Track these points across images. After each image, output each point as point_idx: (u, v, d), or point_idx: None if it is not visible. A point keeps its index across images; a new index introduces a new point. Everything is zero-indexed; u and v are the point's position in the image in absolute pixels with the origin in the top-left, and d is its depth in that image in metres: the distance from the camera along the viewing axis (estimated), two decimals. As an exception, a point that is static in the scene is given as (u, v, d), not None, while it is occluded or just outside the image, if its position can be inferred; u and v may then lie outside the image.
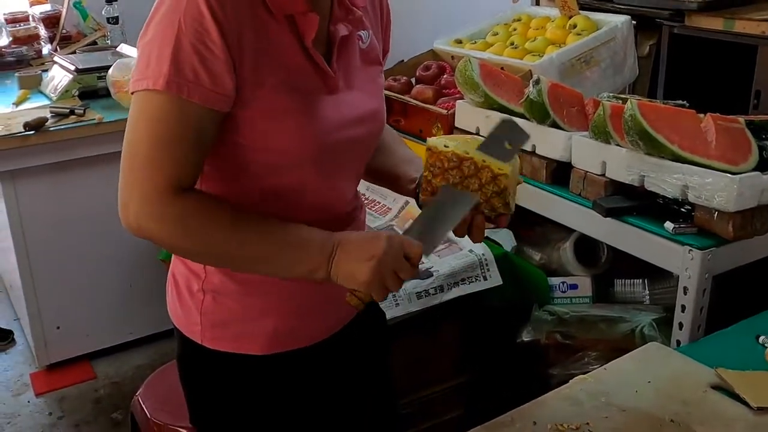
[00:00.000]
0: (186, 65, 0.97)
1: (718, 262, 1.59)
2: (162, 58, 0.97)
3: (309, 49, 1.07)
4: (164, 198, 0.99)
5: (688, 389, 1.16)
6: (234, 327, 1.16)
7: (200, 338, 1.17)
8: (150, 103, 0.99)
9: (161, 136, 0.99)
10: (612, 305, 1.89)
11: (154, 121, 0.99)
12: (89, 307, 2.82)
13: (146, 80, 0.98)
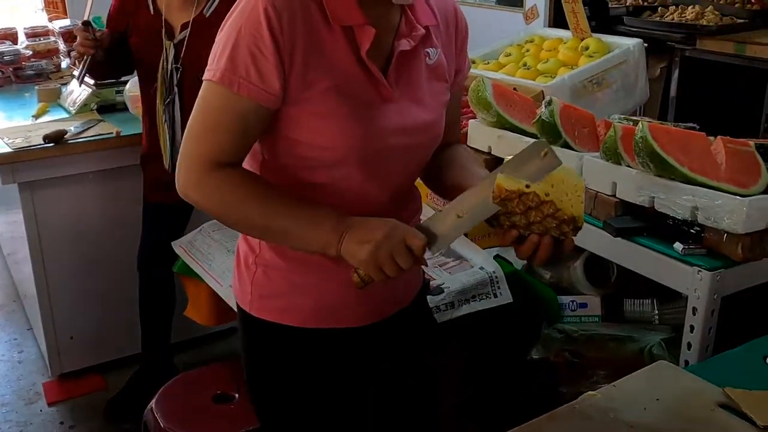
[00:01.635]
0: (240, 64, 1.12)
1: (727, 283, 1.60)
2: (223, 55, 1.13)
3: (364, 59, 1.17)
4: (204, 169, 1.15)
5: (696, 408, 1.17)
6: (279, 300, 1.28)
7: (249, 307, 1.31)
8: (208, 91, 1.16)
9: (210, 119, 1.15)
10: (621, 324, 1.90)
11: (208, 107, 1.16)
12: (103, 318, 2.84)
13: (210, 71, 1.15)
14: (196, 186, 1.17)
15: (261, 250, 1.28)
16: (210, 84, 1.15)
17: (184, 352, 2.91)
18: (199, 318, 2.33)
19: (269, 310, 1.29)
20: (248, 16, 1.12)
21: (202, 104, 1.17)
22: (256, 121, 1.15)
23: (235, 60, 1.12)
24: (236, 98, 1.13)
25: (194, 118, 1.17)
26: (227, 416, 1.85)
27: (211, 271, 2.12)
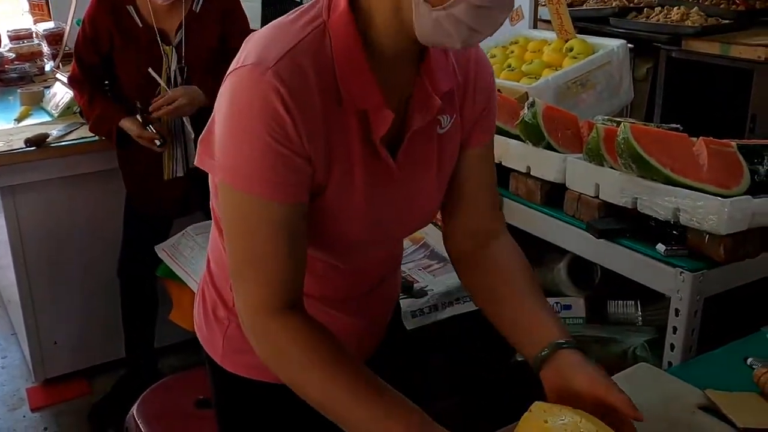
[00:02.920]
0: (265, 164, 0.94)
1: (710, 284, 1.60)
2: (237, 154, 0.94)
3: (376, 144, 1.02)
4: (263, 319, 0.99)
5: (677, 410, 1.17)
6: (253, 356, 1.10)
7: (220, 359, 1.22)
8: (243, 206, 0.97)
9: (253, 243, 0.97)
10: (605, 326, 1.89)
11: (241, 223, 0.97)
12: (87, 323, 2.83)
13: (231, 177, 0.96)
14: (258, 336, 1.00)
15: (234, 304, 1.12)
16: (242, 195, 0.95)
17: (169, 356, 2.90)
18: (184, 322, 2.31)
19: (243, 365, 1.20)
20: (259, 101, 0.93)
21: (239, 225, 0.97)
22: (299, 225, 0.98)
23: (264, 162, 0.93)
24: (279, 207, 0.95)
25: (236, 247, 0.98)
26: (210, 421, 1.82)
27: (195, 275, 2.10)
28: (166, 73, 2.39)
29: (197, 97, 2.39)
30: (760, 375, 1.20)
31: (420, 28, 0.95)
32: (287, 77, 0.93)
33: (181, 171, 2.48)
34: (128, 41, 2.38)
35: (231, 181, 0.96)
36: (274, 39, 0.98)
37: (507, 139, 2.03)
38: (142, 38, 2.38)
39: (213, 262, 1.23)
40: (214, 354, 1.23)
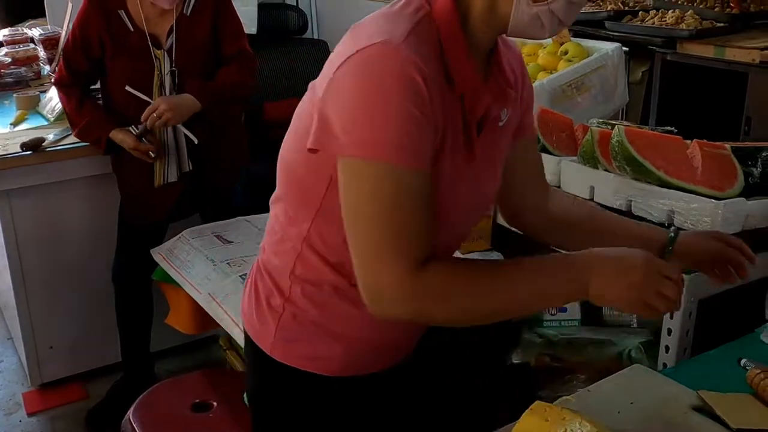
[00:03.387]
0: (411, 133, 0.97)
1: (704, 286, 1.60)
2: (387, 126, 0.97)
3: (471, 125, 1.09)
4: (418, 277, 1.00)
5: (670, 411, 1.17)
6: (306, 346, 1.20)
7: (270, 349, 1.22)
8: (383, 179, 0.98)
9: (398, 213, 0.99)
10: (600, 328, 1.90)
11: (385, 197, 0.99)
12: (83, 327, 2.82)
13: (367, 148, 0.98)
14: (415, 297, 1.01)
15: (291, 293, 1.19)
16: (383, 166, 0.97)
17: (166, 360, 2.90)
18: (180, 326, 2.31)
19: (294, 356, 1.22)
20: (400, 74, 0.96)
21: (375, 195, 0.98)
22: (430, 193, 1.02)
23: (404, 128, 0.96)
24: (417, 175, 0.99)
25: (372, 217, 0.99)
26: (206, 425, 1.83)
27: (190, 278, 2.10)
28: (158, 78, 2.38)
29: (184, 104, 2.37)
30: (753, 376, 1.21)
31: (516, 20, 1.06)
32: (416, 52, 0.99)
33: (173, 177, 2.47)
34: (120, 46, 2.37)
35: (371, 155, 0.97)
36: (390, 23, 1.03)
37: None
38: (133, 43, 2.37)
39: (272, 254, 1.23)
40: (264, 344, 1.23)
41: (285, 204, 1.19)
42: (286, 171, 1.17)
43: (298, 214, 1.15)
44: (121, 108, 2.44)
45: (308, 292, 1.18)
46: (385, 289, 1.01)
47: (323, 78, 1.05)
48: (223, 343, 2.47)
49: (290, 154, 1.14)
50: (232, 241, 2.25)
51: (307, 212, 1.13)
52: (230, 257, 2.14)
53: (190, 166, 2.47)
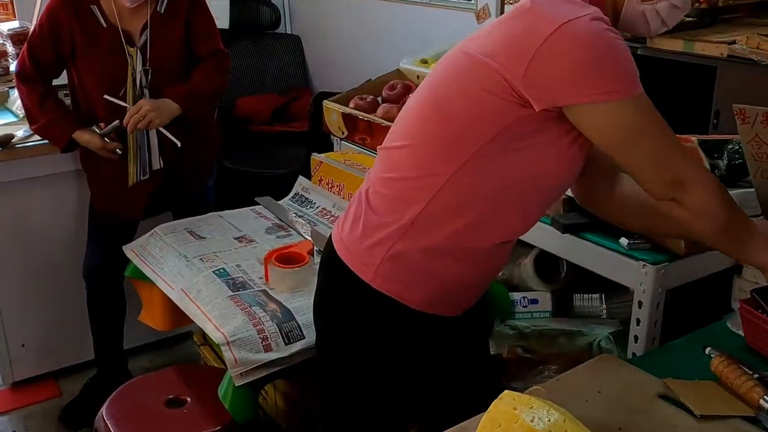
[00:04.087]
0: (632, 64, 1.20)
1: (671, 276, 1.63)
2: (620, 65, 1.18)
3: None
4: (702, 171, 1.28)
5: (637, 399, 1.19)
6: (404, 280, 1.34)
7: (371, 277, 1.35)
8: (639, 108, 1.20)
9: (668, 132, 1.24)
10: (571, 319, 1.92)
11: (659, 122, 1.23)
12: (54, 325, 2.80)
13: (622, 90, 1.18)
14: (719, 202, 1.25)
15: (407, 232, 1.31)
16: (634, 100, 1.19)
17: (140, 357, 2.89)
18: (154, 323, 2.30)
19: (391, 286, 1.34)
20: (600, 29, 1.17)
21: (654, 127, 1.22)
22: None
23: (629, 62, 1.19)
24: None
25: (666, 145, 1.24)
26: (180, 420, 1.83)
27: (163, 274, 2.10)
28: (131, 76, 2.36)
29: (167, 108, 2.36)
30: (717, 364, 1.23)
31: (627, 15, 1.32)
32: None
33: (145, 175, 2.45)
34: (91, 42, 2.34)
35: (625, 94, 1.18)
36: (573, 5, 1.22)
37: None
38: (105, 39, 2.34)
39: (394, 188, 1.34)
40: (365, 273, 1.35)
41: (422, 153, 1.30)
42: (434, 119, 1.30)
43: (441, 163, 1.27)
44: (91, 107, 2.41)
45: (424, 231, 1.30)
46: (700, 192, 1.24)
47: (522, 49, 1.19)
48: (197, 339, 2.47)
49: (450, 103, 1.28)
50: (204, 237, 2.24)
51: (453, 161, 1.26)
52: (203, 253, 2.14)
53: (161, 164, 2.45)
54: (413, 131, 1.33)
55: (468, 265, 1.35)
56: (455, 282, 1.37)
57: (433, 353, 1.48)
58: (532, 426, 0.98)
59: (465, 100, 1.25)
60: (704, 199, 1.24)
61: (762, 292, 1.35)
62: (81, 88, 2.41)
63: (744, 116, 1.61)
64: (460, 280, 1.37)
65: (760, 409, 1.14)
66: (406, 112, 1.39)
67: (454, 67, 1.30)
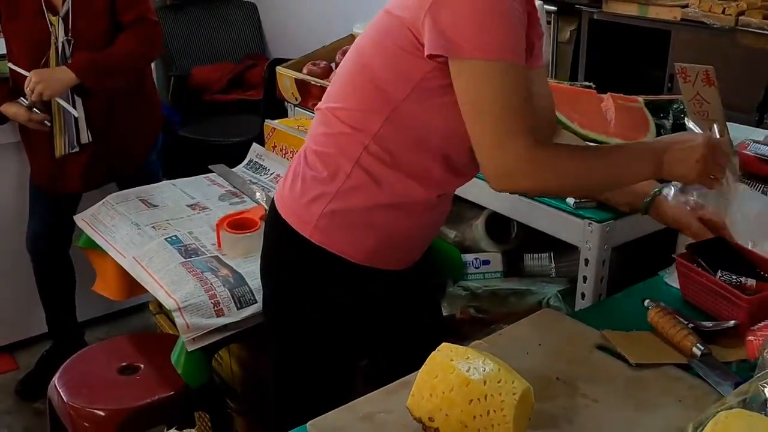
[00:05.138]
0: (518, 36, 1.18)
1: (616, 234, 1.66)
2: (500, 29, 1.16)
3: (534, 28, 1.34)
4: (534, 156, 1.18)
5: (575, 350, 1.22)
6: (342, 235, 1.36)
7: (309, 233, 1.36)
8: (501, 73, 1.16)
9: (517, 104, 1.18)
10: (521, 279, 1.95)
11: (506, 91, 1.17)
12: (9, 297, 2.77)
13: (485, 50, 1.15)
14: (537, 172, 1.20)
15: (343, 185, 1.33)
16: (500, 64, 1.16)
17: (97, 328, 2.87)
18: (108, 292, 2.28)
19: (332, 240, 1.36)
20: None
21: (500, 89, 1.17)
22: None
23: (514, 31, 1.17)
24: (522, 71, 1.18)
25: (502, 109, 1.18)
26: (133, 387, 1.82)
27: (115, 243, 2.07)
28: (54, 45, 2.31)
29: (57, 77, 2.29)
30: (653, 314, 1.26)
31: None
32: None
33: (73, 147, 2.40)
34: (15, 9, 2.30)
35: (490, 55, 1.15)
36: None
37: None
38: (28, 7, 2.29)
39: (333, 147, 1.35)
40: (303, 228, 1.37)
41: (351, 111, 1.32)
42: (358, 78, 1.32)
43: (368, 118, 1.29)
44: (18, 78, 2.38)
45: (358, 186, 1.32)
46: (515, 164, 1.19)
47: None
48: (153, 308, 2.46)
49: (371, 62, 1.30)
50: (157, 205, 2.22)
51: (379, 116, 1.28)
52: (155, 221, 2.12)
53: (90, 137, 2.40)
54: (344, 90, 1.35)
55: (406, 218, 1.37)
56: (394, 234, 1.38)
57: (382, 308, 1.50)
58: (468, 375, 1.00)
59: (383, 59, 1.28)
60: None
61: (698, 247, 1.38)
62: (10, 56, 2.37)
63: (685, 75, 1.64)
64: (400, 232, 1.39)
65: (693, 356, 1.18)
66: (338, 72, 1.42)
67: (376, 26, 1.32)
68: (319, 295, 1.42)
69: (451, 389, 1.00)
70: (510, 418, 0.97)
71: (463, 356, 1.04)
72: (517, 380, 1.01)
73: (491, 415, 0.98)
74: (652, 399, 1.11)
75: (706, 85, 1.61)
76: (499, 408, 0.98)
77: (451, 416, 1.00)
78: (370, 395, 1.14)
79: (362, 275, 1.39)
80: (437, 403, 1.01)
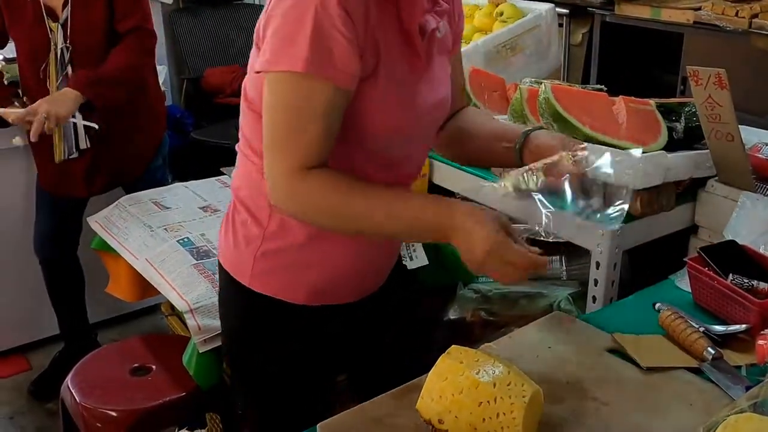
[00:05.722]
0: (322, 47, 1.04)
1: (627, 237, 1.66)
2: (297, 41, 1.04)
3: (412, 33, 1.14)
4: (297, 177, 1.09)
5: (586, 353, 1.22)
6: (282, 276, 1.27)
7: (248, 281, 1.28)
8: (288, 85, 1.07)
9: (296, 117, 1.08)
10: (532, 282, 1.95)
11: (289, 104, 1.07)
12: (23, 299, 2.79)
13: (284, 62, 1.05)
14: (292, 197, 1.11)
15: (269, 225, 1.24)
16: (289, 77, 1.06)
17: (110, 329, 2.89)
18: (121, 294, 2.30)
19: (271, 286, 1.27)
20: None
21: (280, 103, 1.08)
22: (339, 110, 1.09)
23: (317, 44, 1.03)
24: (323, 87, 1.06)
25: (274, 122, 1.09)
26: (145, 388, 1.84)
27: (128, 245, 2.09)
28: (53, 52, 2.32)
29: (65, 99, 2.28)
30: (664, 318, 1.26)
31: None
32: None
33: (72, 153, 2.40)
34: (16, 14, 2.32)
35: (289, 66, 1.05)
36: None
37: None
38: (29, 14, 2.31)
39: (246, 188, 1.28)
40: (242, 277, 1.28)
41: (250, 144, 1.24)
42: (244, 106, 1.24)
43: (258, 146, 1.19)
44: (24, 76, 2.42)
45: (284, 223, 1.23)
46: (275, 183, 1.11)
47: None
48: (165, 310, 2.46)
49: (245, 85, 1.23)
50: (169, 207, 2.24)
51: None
52: (168, 223, 2.14)
53: (88, 143, 2.41)
54: (241, 124, 1.27)
55: (342, 248, 1.25)
56: (337, 268, 1.27)
57: (345, 343, 1.40)
58: (478, 378, 1.00)
59: (249, 82, 1.21)
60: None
61: (709, 250, 1.37)
62: (18, 59, 2.41)
63: (697, 78, 1.63)
64: (341, 265, 1.27)
65: (704, 360, 1.18)
66: None
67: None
68: (272, 347, 1.32)
69: (460, 391, 1.00)
70: (519, 420, 0.97)
71: (472, 359, 1.04)
72: (527, 383, 1.01)
73: (501, 417, 0.98)
74: (662, 402, 1.10)
75: (718, 88, 1.60)
76: (508, 411, 0.98)
77: (460, 418, 1.00)
78: (379, 398, 1.14)
79: (314, 316, 1.29)
80: (447, 406, 1.01)
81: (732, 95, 1.58)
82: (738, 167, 1.63)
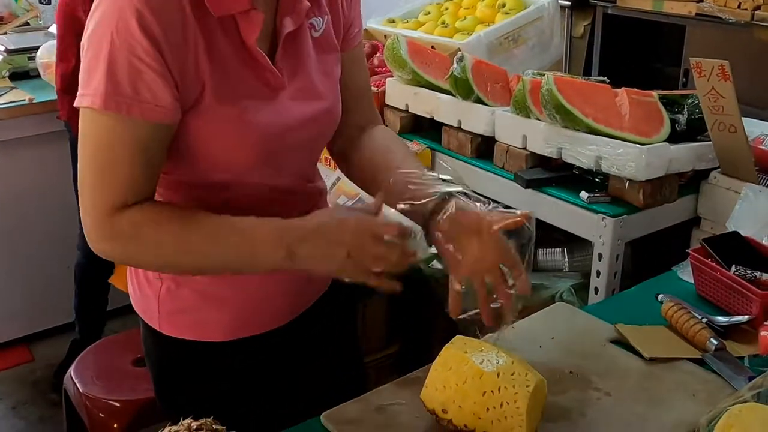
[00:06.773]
0: (123, 80, 0.95)
1: (630, 228, 1.66)
2: (96, 74, 0.95)
3: (251, 49, 1.03)
4: (112, 217, 0.99)
5: (588, 344, 1.22)
6: (192, 315, 1.17)
7: (158, 325, 1.19)
8: (93, 123, 0.98)
9: (104, 157, 0.98)
10: (534, 273, 1.95)
11: (97, 142, 0.98)
12: (26, 290, 2.80)
13: (86, 97, 0.97)
14: (110, 238, 1.00)
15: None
16: (90, 113, 0.97)
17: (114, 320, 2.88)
18: (124, 285, 2.29)
19: (182, 327, 1.18)
20: (117, 22, 0.94)
21: (88, 141, 0.98)
22: (157, 144, 1.00)
23: (116, 77, 0.94)
24: (129, 123, 0.96)
25: (84, 161, 1.00)
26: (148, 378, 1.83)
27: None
28: None
29: None
30: (667, 309, 1.26)
31: None
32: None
33: None
34: None
35: (90, 102, 0.96)
36: None
37: (438, 94, 2.05)
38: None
39: None
40: (152, 320, 1.20)
41: None
42: None
43: None
44: None
45: None
46: (87, 227, 1.01)
47: None
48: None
49: None
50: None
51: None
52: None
53: None
54: None
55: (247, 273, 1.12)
56: (251, 295, 1.17)
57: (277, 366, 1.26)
58: (481, 367, 1.01)
59: None
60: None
61: (712, 241, 1.38)
62: None
63: (700, 69, 1.63)
64: (253, 291, 1.16)
65: (707, 351, 1.18)
66: None
67: None
68: (196, 392, 1.21)
69: (464, 381, 1.01)
70: (523, 410, 0.98)
71: (476, 349, 1.05)
72: (531, 373, 1.01)
73: (504, 407, 0.99)
74: (665, 393, 1.11)
75: (721, 79, 1.60)
76: (512, 400, 0.98)
77: (464, 408, 1.00)
78: (382, 388, 1.15)
79: (238, 352, 1.19)
80: (450, 395, 1.01)
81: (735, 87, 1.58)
82: (741, 159, 1.63)
